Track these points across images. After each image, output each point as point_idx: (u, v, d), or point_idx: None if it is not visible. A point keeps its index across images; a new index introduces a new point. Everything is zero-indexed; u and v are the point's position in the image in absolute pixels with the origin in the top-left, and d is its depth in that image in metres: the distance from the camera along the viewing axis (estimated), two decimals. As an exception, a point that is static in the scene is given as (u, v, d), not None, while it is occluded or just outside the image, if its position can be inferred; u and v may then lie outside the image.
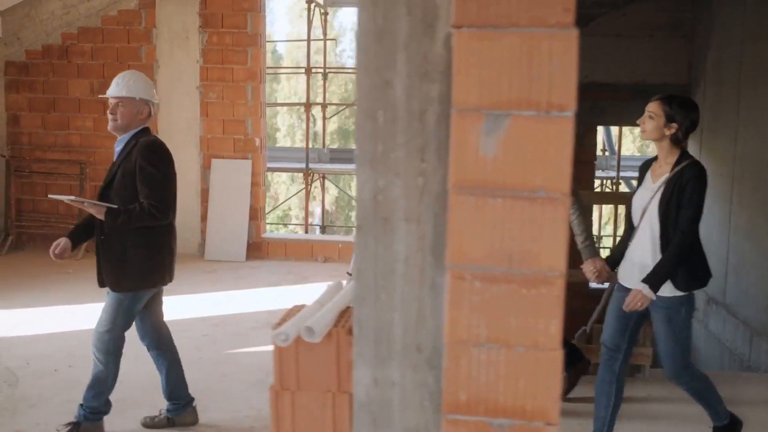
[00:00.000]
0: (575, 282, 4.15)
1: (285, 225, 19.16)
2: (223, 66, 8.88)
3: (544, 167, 1.56)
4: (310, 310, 1.84)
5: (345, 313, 1.87)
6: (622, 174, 11.64)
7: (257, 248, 8.95)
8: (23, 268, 8.02)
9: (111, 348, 3.94)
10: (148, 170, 3.92)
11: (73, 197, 3.92)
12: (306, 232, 10.59)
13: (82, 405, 3.97)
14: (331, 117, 11.05)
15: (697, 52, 8.16)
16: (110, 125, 3.95)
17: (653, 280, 3.41)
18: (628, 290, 3.56)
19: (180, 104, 8.98)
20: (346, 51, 28.19)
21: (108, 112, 3.96)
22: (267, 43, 9.87)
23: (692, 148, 8.18)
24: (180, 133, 9.00)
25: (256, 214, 8.96)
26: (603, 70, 7.93)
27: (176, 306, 6.66)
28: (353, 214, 19.47)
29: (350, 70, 20.11)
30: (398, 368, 1.74)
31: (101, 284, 3.95)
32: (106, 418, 3.96)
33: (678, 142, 3.47)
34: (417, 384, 1.74)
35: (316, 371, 1.80)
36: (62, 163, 9.06)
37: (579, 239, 3.96)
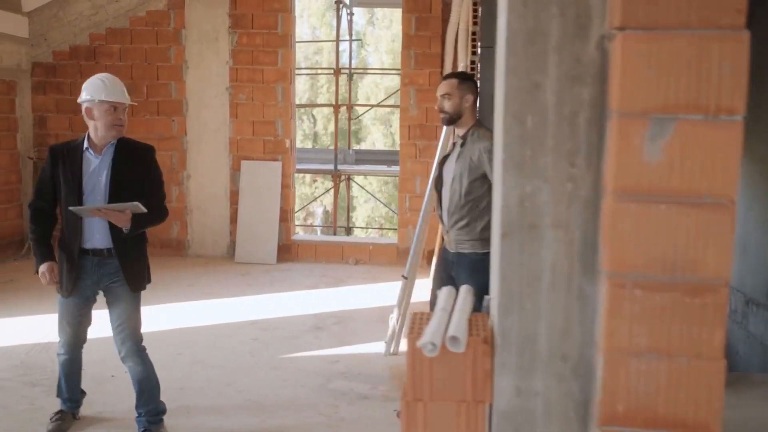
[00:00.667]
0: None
1: (310, 226, 19.10)
2: (253, 67, 8.85)
3: (711, 172, 1.51)
4: (440, 318, 1.79)
5: (473, 321, 1.82)
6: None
7: (287, 250, 8.92)
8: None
9: (143, 347, 4.00)
10: (158, 172, 4.02)
11: (91, 206, 3.72)
12: (334, 233, 10.57)
13: (141, 414, 3.95)
14: (357, 117, 11.03)
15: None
16: (117, 131, 3.78)
17: None
18: None
19: (209, 106, 8.95)
20: (346, 51, 28.02)
21: (118, 118, 3.78)
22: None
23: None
24: (209, 135, 8.98)
25: (285, 216, 8.93)
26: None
27: (219, 309, 6.67)
28: (354, 215, 19.42)
29: (376, 71, 20.01)
30: (542, 378, 1.70)
31: (133, 287, 3.89)
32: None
33: None
34: (562, 394, 1.69)
35: (451, 381, 1.75)
36: (90, 165, 9.04)
37: None
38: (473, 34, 4.58)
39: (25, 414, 4.26)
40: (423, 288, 5.99)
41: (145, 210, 3.72)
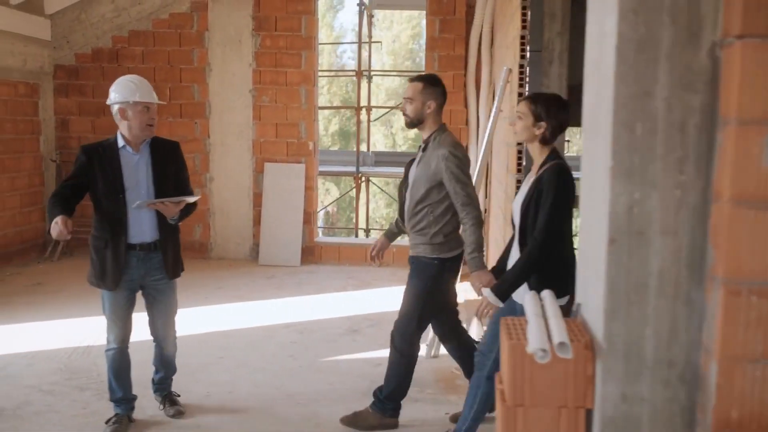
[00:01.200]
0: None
1: (332, 228, 19.06)
2: (277, 69, 8.86)
3: (831, 179, 1.52)
4: (537, 324, 1.80)
5: (569, 327, 1.83)
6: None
7: (310, 253, 8.93)
8: (78, 275, 8.03)
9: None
10: (186, 165, 4.23)
11: (151, 200, 3.86)
12: (356, 236, 10.57)
13: (163, 381, 4.38)
14: (376, 120, 11.01)
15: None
16: (150, 131, 3.91)
17: (500, 287, 3.25)
18: (510, 301, 3.36)
19: (232, 108, 8.97)
20: (347, 52, 28.13)
21: (150, 117, 3.89)
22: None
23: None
24: (232, 137, 9.00)
25: (308, 218, 8.94)
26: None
27: (252, 312, 6.68)
28: (353, 215, 19.36)
29: (393, 73, 19.98)
30: (648, 384, 1.70)
31: (173, 275, 4.10)
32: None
33: (545, 142, 3.24)
34: (667, 400, 1.70)
35: (552, 387, 1.76)
36: (113, 167, 9.06)
37: (467, 249, 3.82)
38: (522, 38, 4.57)
39: (78, 419, 4.26)
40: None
41: (197, 199, 4.02)
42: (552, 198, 3.15)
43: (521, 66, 4.60)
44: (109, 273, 3.92)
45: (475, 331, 5.56)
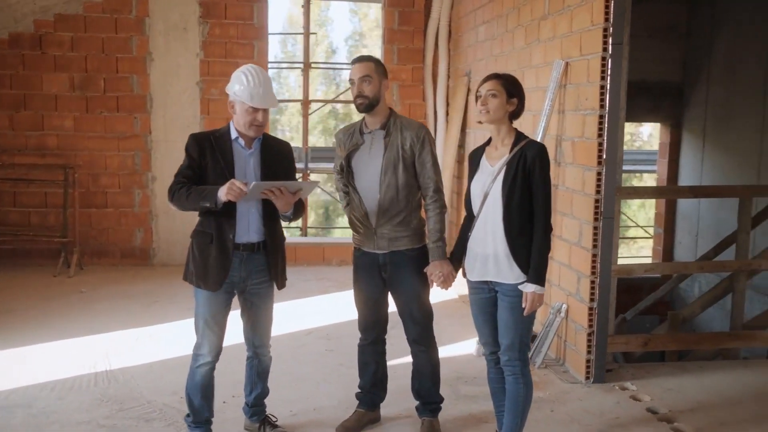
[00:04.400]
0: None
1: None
2: (227, 60, 8.26)
3: None
4: None
5: None
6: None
7: (265, 254, 8.42)
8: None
9: None
10: (295, 168, 3.91)
11: (270, 183, 3.41)
12: (305, 235, 10.11)
13: (257, 400, 4.01)
14: (312, 113, 10.57)
15: (693, 53, 8.68)
16: (255, 131, 3.53)
17: (538, 276, 3.31)
18: (478, 287, 3.49)
19: (177, 101, 8.24)
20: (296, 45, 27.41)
21: (256, 119, 3.53)
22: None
23: (695, 144, 8.70)
24: (177, 133, 8.26)
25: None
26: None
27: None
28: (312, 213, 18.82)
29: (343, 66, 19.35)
30: None
31: (281, 285, 3.77)
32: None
33: (515, 117, 3.43)
34: None
35: None
36: (35, 168, 8.02)
37: (432, 237, 3.73)
38: (605, 30, 4.54)
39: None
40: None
41: (319, 187, 3.59)
42: (546, 173, 3.33)
43: (603, 59, 4.57)
44: (212, 272, 3.54)
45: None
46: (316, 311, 6.54)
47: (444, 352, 5.10)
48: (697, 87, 8.66)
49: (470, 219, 3.55)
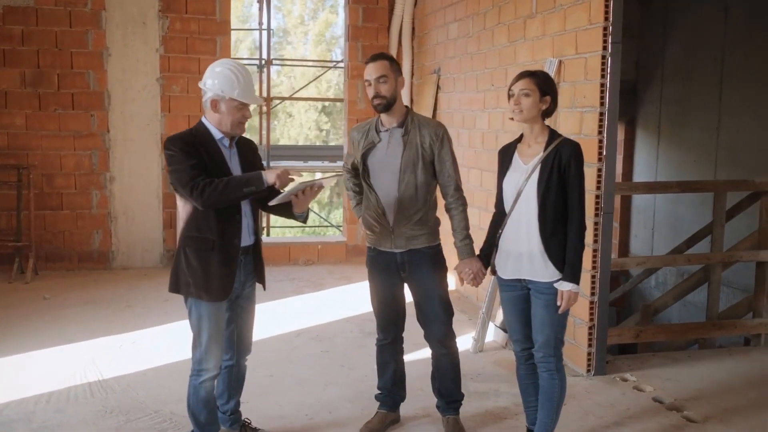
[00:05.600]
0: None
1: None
2: (188, 56, 8.01)
3: None
4: None
5: None
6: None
7: (230, 255, 8.22)
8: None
9: None
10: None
11: (310, 181, 3.34)
12: (267, 234, 9.90)
13: (235, 407, 3.78)
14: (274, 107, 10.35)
15: (647, 53, 8.96)
16: (242, 129, 3.41)
17: (573, 273, 3.33)
18: (511, 284, 3.50)
19: (136, 98, 7.95)
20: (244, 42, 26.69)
21: (243, 116, 3.41)
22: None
23: (649, 140, 8.99)
24: (137, 131, 7.98)
25: (228, 218, 8.23)
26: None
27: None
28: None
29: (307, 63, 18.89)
30: None
31: (265, 284, 3.67)
32: None
33: (549, 115, 3.43)
34: None
35: None
36: (-17, 169, 7.61)
37: (458, 236, 3.72)
38: (605, 29, 4.62)
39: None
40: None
41: (340, 176, 3.77)
42: (581, 173, 3.35)
43: (603, 57, 4.65)
44: (216, 281, 3.31)
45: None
46: (299, 312, 6.43)
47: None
48: (651, 85, 8.94)
49: (500, 216, 3.54)
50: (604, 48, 4.66)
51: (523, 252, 3.42)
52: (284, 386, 4.65)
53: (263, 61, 10.11)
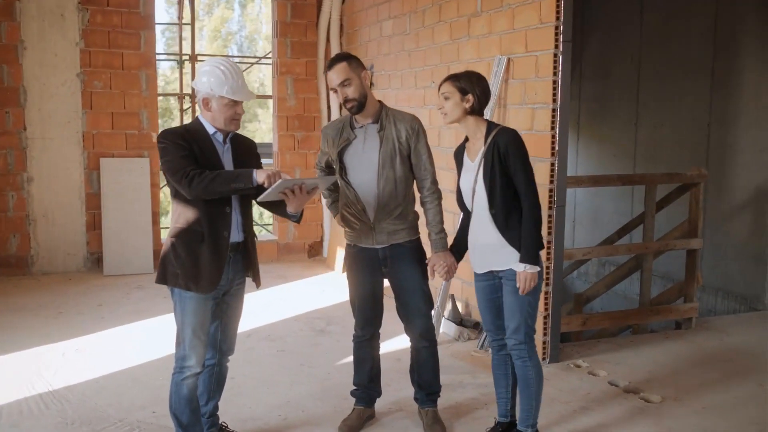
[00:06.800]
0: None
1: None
2: (111, 50, 7.68)
3: None
4: None
5: None
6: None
7: (158, 256, 7.93)
8: None
9: None
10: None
11: (293, 180, 3.22)
12: None
13: (214, 409, 3.71)
14: (188, 108, 10.00)
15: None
16: (236, 125, 3.42)
17: (528, 255, 3.40)
18: (485, 277, 3.59)
19: (55, 94, 7.55)
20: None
21: (236, 112, 3.41)
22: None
23: (569, 136, 9.33)
24: (56, 129, 7.59)
25: (156, 219, 7.97)
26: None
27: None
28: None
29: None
30: None
31: (259, 282, 3.64)
32: None
33: (477, 112, 3.50)
34: None
35: None
36: None
37: (434, 229, 3.76)
38: (556, 28, 4.76)
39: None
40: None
41: (336, 180, 3.74)
42: (521, 157, 3.43)
43: (555, 55, 4.81)
44: (205, 273, 3.28)
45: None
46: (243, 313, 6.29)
47: (401, 343, 5.16)
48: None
49: (467, 215, 3.64)
50: (556, 47, 4.82)
51: (487, 245, 3.52)
52: (248, 388, 4.56)
53: (185, 57, 9.83)
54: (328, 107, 8.51)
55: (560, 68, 4.83)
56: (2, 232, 7.52)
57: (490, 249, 3.51)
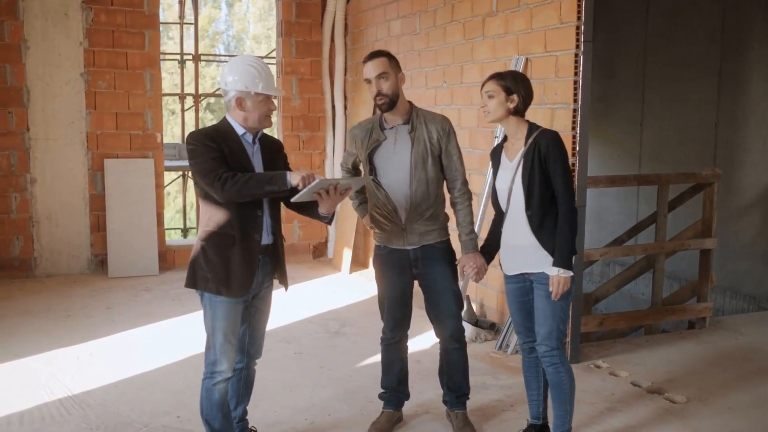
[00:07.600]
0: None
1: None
2: (115, 50, 7.60)
3: None
4: None
5: None
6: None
7: (162, 258, 7.87)
8: None
9: None
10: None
11: (327, 180, 3.19)
12: (185, 236, 9.47)
13: (245, 413, 3.71)
14: (188, 109, 9.91)
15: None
16: (269, 122, 3.40)
17: (562, 260, 3.36)
18: (516, 279, 3.57)
19: (59, 94, 7.46)
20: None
21: (270, 108, 3.39)
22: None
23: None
24: (60, 130, 7.50)
25: (160, 220, 7.89)
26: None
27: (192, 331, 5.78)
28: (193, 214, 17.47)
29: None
30: None
31: (287, 285, 3.60)
32: None
33: (520, 113, 3.50)
34: None
35: None
36: None
37: (464, 230, 3.74)
38: (577, 29, 4.75)
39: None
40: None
41: (369, 180, 3.69)
42: (561, 160, 3.41)
43: (576, 55, 4.79)
44: (236, 277, 3.24)
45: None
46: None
47: (421, 344, 5.14)
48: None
49: (500, 215, 3.62)
50: (577, 47, 4.80)
51: (521, 246, 3.50)
52: (271, 391, 4.51)
53: (189, 57, 9.75)
54: (333, 107, 8.46)
55: (581, 68, 4.82)
56: (5, 234, 7.42)
57: (524, 251, 3.49)
